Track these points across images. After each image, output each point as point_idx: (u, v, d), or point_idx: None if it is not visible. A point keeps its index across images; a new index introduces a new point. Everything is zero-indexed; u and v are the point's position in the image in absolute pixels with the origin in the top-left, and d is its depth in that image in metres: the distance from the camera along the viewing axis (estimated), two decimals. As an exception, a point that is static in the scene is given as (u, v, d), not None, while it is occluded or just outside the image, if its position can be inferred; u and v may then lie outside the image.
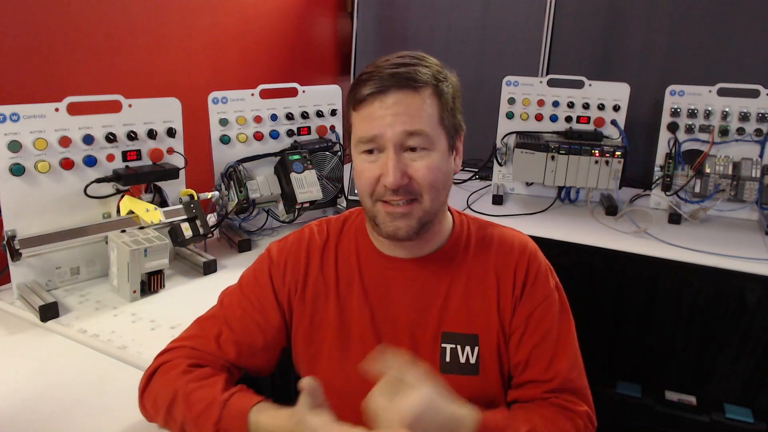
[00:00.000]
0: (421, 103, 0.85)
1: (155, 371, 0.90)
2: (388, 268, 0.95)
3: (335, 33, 2.88)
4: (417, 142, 0.84)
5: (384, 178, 0.84)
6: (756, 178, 1.90)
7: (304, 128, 1.84)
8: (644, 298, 1.77)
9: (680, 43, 2.29)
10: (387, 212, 0.87)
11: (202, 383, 0.85)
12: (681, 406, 1.80)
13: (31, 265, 1.31)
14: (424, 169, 0.85)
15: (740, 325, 1.67)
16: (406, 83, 0.84)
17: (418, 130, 0.84)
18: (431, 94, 0.86)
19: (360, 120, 0.87)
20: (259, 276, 0.98)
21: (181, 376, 0.87)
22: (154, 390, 0.88)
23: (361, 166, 0.88)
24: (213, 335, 0.93)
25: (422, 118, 0.84)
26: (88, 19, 1.67)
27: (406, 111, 0.84)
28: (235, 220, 1.72)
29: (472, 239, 0.97)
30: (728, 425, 1.74)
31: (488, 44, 2.61)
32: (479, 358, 0.92)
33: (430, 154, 0.86)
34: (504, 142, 2.17)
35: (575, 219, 2.00)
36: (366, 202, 0.90)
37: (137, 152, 1.45)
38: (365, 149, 0.87)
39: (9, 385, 1.02)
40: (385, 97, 0.84)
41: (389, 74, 0.84)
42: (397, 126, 0.83)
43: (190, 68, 2.02)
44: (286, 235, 1.02)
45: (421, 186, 0.86)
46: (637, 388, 1.86)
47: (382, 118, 0.84)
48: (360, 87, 0.86)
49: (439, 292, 0.94)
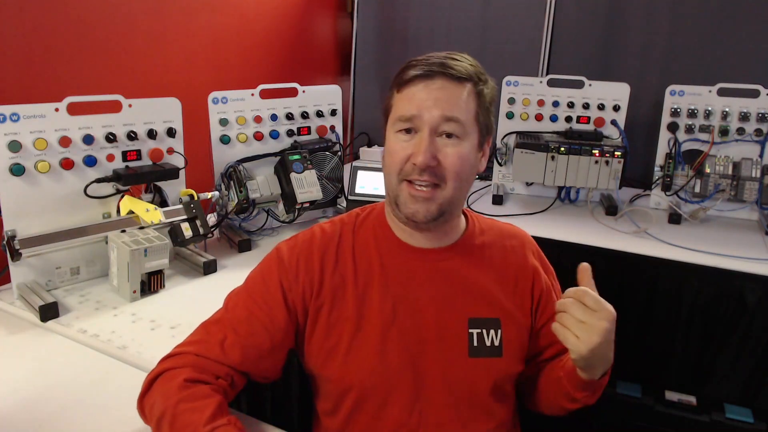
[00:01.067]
0: (462, 94, 0.90)
1: (157, 377, 0.88)
2: (412, 258, 0.97)
3: (335, 33, 2.88)
4: (452, 128, 0.89)
5: (414, 157, 0.88)
6: (756, 178, 1.90)
7: (304, 128, 1.84)
8: (644, 298, 1.77)
9: (680, 43, 2.29)
10: (410, 193, 0.90)
11: (193, 405, 0.82)
12: (681, 406, 1.80)
13: (31, 265, 1.31)
14: (454, 155, 0.89)
15: (740, 325, 1.67)
16: (452, 73, 0.89)
17: (455, 117, 0.89)
18: (471, 90, 0.91)
19: (401, 99, 0.91)
20: (267, 278, 0.96)
21: (177, 391, 0.84)
22: (152, 398, 0.86)
23: (394, 144, 0.92)
24: (217, 340, 0.91)
25: (461, 107, 0.89)
26: (88, 19, 1.67)
27: (447, 98, 0.89)
28: (235, 220, 1.72)
29: (486, 232, 1.04)
30: (728, 425, 1.74)
31: (488, 44, 2.61)
32: (502, 341, 0.97)
33: (461, 143, 0.90)
34: (504, 142, 2.17)
35: (575, 219, 2.00)
36: (391, 181, 0.93)
37: (137, 152, 1.45)
38: (402, 128, 0.91)
39: (9, 385, 1.02)
40: (430, 82, 0.89)
41: (438, 62, 0.90)
42: (436, 109, 0.88)
43: (190, 68, 2.03)
44: (294, 235, 1.02)
45: (447, 172, 0.89)
46: (637, 388, 1.86)
47: (424, 100, 0.89)
48: (407, 70, 0.91)
49: (462, 280, 0.98)
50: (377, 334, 0.94)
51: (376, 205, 1.05)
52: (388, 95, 0.96)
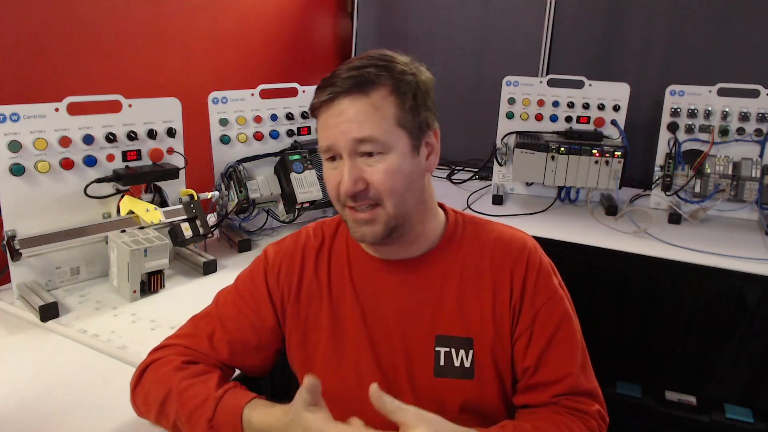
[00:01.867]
0: (370, 108, 0.83)
1: (147, 367, 0.90)
2: (378, 270, 0.94)
3: (335, 33, 2.88)
4: (369, 147, 0.83)
5: (341, 186, 0.84)
6: (756, 178, 1.90)
7: (304, 128, 1.84)
8: (644, 298, 1.77)
9: (680, 43, 2.29)
10: (353, 219, 0.87)
11: (196, 380, 0.85)
12: (681, 406, 1.80)
13: (31, 265, 1.31)
14: (380, 173, 0.83)
15: (740, 325, 1.67)
16: (356, 88, 0.83)
17: (367, 137, 0.82)
18: (386, 95, 0.83)
19: (319, 128, 0.88)
20: (255, 277, 0.98)
21: (175, 372, 0.86)
22: (147, 386, 0.88)
23: (326, 172, 0.89)
24: (206, 334, 0.93)
25: (372, 123, 0.82)
26: (88, 19, 1.67)
27: (355, 118, 0.82)
28: (235, 220, 1.72)
29: (466, 239, 0.95)
30: (728, 425, 1.74)
31: (488, 44, 2.61)
32: (474, 362, 0.89)
33: (386, 158, 0.83)
34: (504, 142, 2.17)
35: (575, 219, 2.00)
36: (337, 207, 0.90)
37: (137, 152, 1.45)
38: (328, 157, 0.87)
39: (9, 385, 1.02)
40: (334, 106, 0.83)
41: (341, 80, 0.83)
42: (347, 134, 0.82)
43: (190, 68, 2.02)
44: (283, 237, 1.02)
45: (379, 191, 0.84)
46: (637, 388, 1.86)
47: (335, 126, 0.83)
48: (316, 95, 0.87)
49: (431, 295, 0.92)
50: (350, 345, 0.92)
51: None
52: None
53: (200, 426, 0.80)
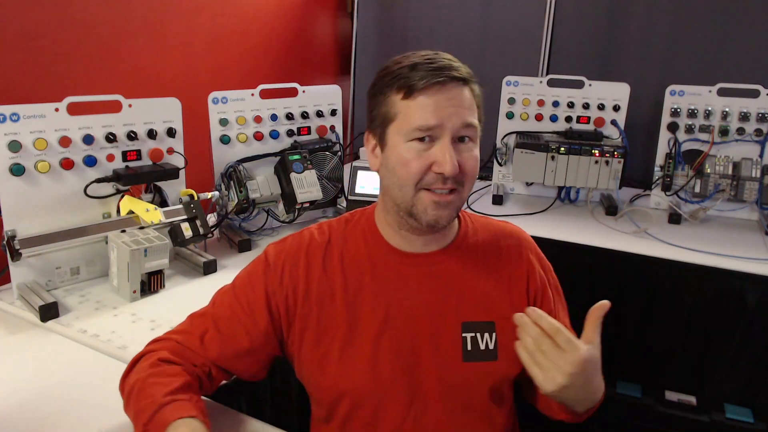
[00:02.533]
0: (471, 98, 0.90)
1: (140, 358, 0.91)
2: (404, 263, 0.96)
3: (335, 33, 2.88)
4: (470, 133, 0.89)
5: (440, 167, 0.86)
6: (756, 178, 1.90)
7: (304, 128, 1.84)
8: (644, 298, 1.77)
9: (680, 43, 2.29)
10: (433, 201, 0.88)
11: (161, 380, 0.85)
12: (681, 406, 1.80)
13: (31, 265, 1.31)
14: (472, 159, 0.90)
15: (740, 325, 1.67)
16: (459, 77, 0.88)
17: (473, 123, 0.89)
18: (472, 90, 0.90)
19: (414, 107, 0.86)
20: (253, 279, 0.96)
21: (148, 368, 0.87)
22: (131, 376, 0.89)
23: (407, 153, 0.87)
24: (198, 333, 0.93)
25: (473, 111, 0.89)
26: (88, 19, 1.67)
27: (463, 104, 0.88)
28: (235, 220, 1.72)
29: (478, 233, 1.02)
30: (728, 425, 1.74)
31: (488, 44, 2.61)
32: (497, 344, 0.95)
33: (475, 147, 0.91)
34: (504, 142, 2.17)
35: (575, 219, 2.00)
36: (406, 192, 0.89)
37: (137, 152, 1.45)
38: (418, 137, 0.87)
39: (9, 385, 1.02)
40: (444, 89, 0.86)
41: (444, 65, 0.87)
42: (456, 117, 0.87)
43: (190, 68, 2.02)
44: (283, 238, 1.00)
45: (466, 176, 0.89)
46: (637, 388, 1.86)
47: (444, 108, 0.86)
48: (412, 75, 0.86)
49: (456, 284, 0.96)
50: (369, 341, 0.93)
51: (365, 209, 1.02)
52: (382, 100, 0.90)
53: (139, 426, 0.81)
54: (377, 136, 0.92)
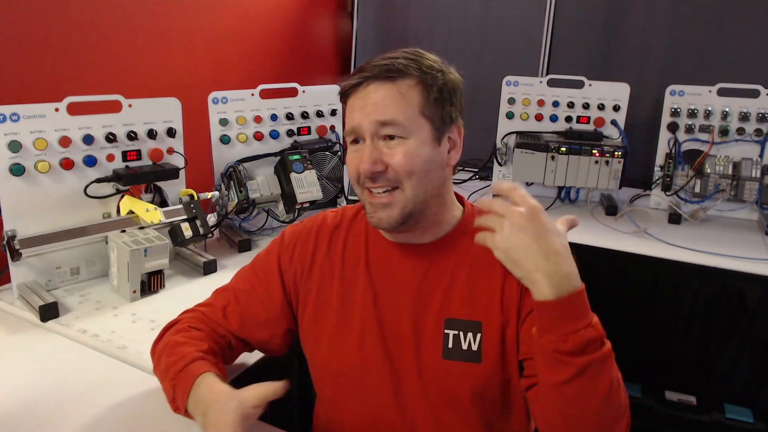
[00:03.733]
0: (396, 94, 0.88)
1: (172, 326, 1.00)
2: (393, 253, 0.97)
3: (335, 33, 2.88)
4: (391, 130, 0.88)
5: (361, 166, 0.89)
6: (756, 178, 1.90)
7: (304, 128, 1.84)
8: (644, 298, 1.77)
9: (680, 43, 2.29)
10: (370, 202, 0.91)
11: (192, 342, 0.94)
12: (681, 406, 1.80)
13: (31, 265, 1.31)
14: (399, 155, 0.88)
15: (740, 325, 1.67)
16: (384, 74, 0.88)
17: (389, 120, 0.87)
18: (412, 84, 0.89)
19: (347, 111, 0.93)
20: (269, 256, 1.04)
21: (180, 332, 0.97)
22: (164, 339, 0.98)
23: (348, 156, 0.94)
24: (221, 305, 1.02)
25: (396, 107, 0.87)
26: (88, 19, 1.67)
27: (381, 102, 0.88)
28: (235, 220, 1.72)
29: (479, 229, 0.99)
30: (728, 425, 1.74)
31: (488, 44, 2.61)
32: (481, 346, 0.91)
33: (406, 142, 0.88)
34: (504, 142, 2.17)
35: (575, 219, 2.00)
36: (357, 191, 0.94)
37: (137, 152, 1.45)
38: (351, 139, 0.92)
39: (9, 385, 1.02)
40: (363, 89, 0.89)
41: (372, 66, 0.90)
42: (371, 116, 0.88)
43: (190, 68, 2.02)
44: (303, 219, 1.07)
45: (398, 173, 0.88)
46: (637, 388, 1.86)
47: (361, 108, 0.89)
48: (346, 81, 0.92)
49: (443, 279, 0.95)
50: (357, 325, 0.95)
51: None
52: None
53: (169, 377, 0.89)
54: None
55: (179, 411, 0.89)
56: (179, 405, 0.88)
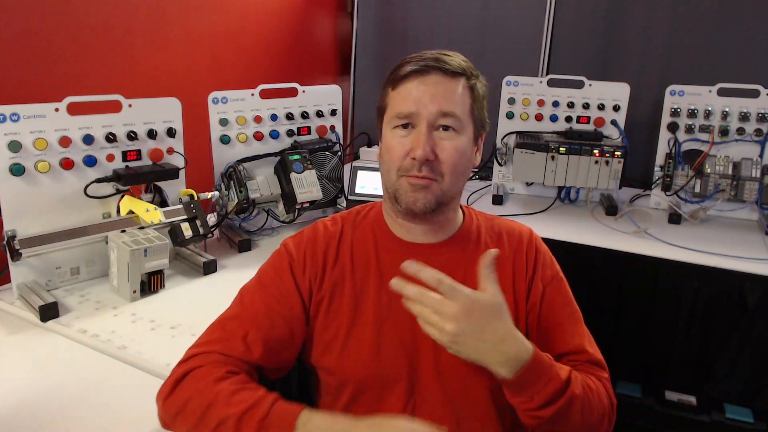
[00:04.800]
0: (457, 89, 0.92)
1: (184, 376, 0.86)
2: (406, 253, 0.97)
3: (335, 33, 2.88)
4: (449, 122, 0.90)
5: (413, 152, 0.89)
6: (756, 178, 1.90)
7: (304, 128, 1.84)
8: (644, 298, 1.77)
9: (680, 43, 2.29)
10: (410, 183, 0.91)
11: (245, 386, 0.84)
12: (681, 406, 1.80)
13: (31, 265, 1.31)
14: (451, 149, 0.91)
15: (740, 325, 1.67)
16: (446, 68, 0.91)
17: (451, 112, 0.90)
18: (465, 84, 0.93)
19: (398, 97, 0.92)
20: (280, 271, 0.99)
21: (220, 381, 0.84)
22: (186, 393, 0.84)
23: (391, 140, 0.93)
24: (240, 336, 0.91)
25: (457, 101, 0.91)
26: (88, 19, 1.67)
27: (444, 93, 0.90)
28: (235, 220, 1.72)
29: (483, 228, 1.04)
30: (728, 425, 1.74)
31: (488, 44, 2.61)
32: None
33: (458, 137, 0.92)
34: (504, 142, 2.17)
35: (575, 219, 2.00)
36: (390, 177, 0.94)
37: (137, 152, 1.45)
38: (399, 124, 0.92)
39: (9, 385, 1.02)
40: (425, 77, 0.91)
41: (431, 57, 0.92)
42: (433, 105, 0.89)
43: (190, 68, 2.02)
44: (299, 231, 1.05)
45: (444, 166, 0.91)
46: (637, 388, 1.86)
47: (421, 96, 0.90)
48: (402, 67, 0.93)
49: (456, 275, 0.94)
50: (372, 327, 0.95)
51: (375, 203, 1.07)
52: (383, 94, 0.97)
53: (251, 425, 0.78)
54: (378, 129, 0.99)
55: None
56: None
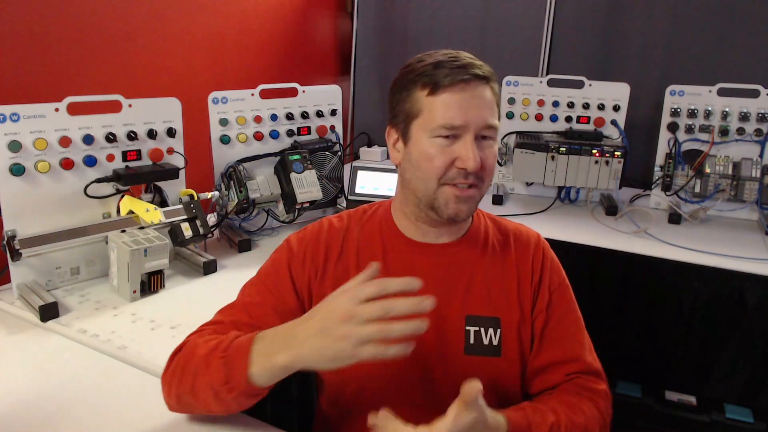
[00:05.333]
0: (491, 97, 0.92)
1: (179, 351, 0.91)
2: (415, 252, 0.99)
3: (335, 33, 2.88)
4: (491, 133, 0.92)
5: (464, 162, 0.89)
6: (756, 178, 1.90)
7: (304, 128, 1.84)
8: (644, 298, 1.77)
9: (680, 43, 2.29)
10: (455, 195, 0.92)
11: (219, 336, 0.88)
12: (681, 406, 1.80)
13: (31, 265, 1.31)
14: (493, 157, 0.93)
15: (740, 325, 1.67)
16: (482, 77, 0.90)
17: (494, 125, 0.92)
18: (493, 89, 0.93)
19: (442, 105, 0.89)
20: (278, 266, 1.01)
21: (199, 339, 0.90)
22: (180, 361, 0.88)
23: (430, 149, 0.91)
24: (231, 321, 0.96)
25: (495, 112, 0.92)
26: (88, 19, 1.67)
27: (486, 103, 0.91)
28: (235, 220, 1.72)
29: (490, 230, 1.04)
30: (728, 425, 1.74)
31: (488, 44, 2.61)
32: (501, 340, 0.96)
33: (495, 145, 0.94)
34: (504, 142, 2.17)
35: (575, 219, 2.00)
36: (429, 185, 0.92)
37: (137, 152, 1.45)
38: (443, 134, 0.90)
39: (9, 385, 1.02)
40: (468, 87, 0.89)
41: (467, 64, 0.90)
42: (480, 117, 0.89)
43: (190, 68, 2.02)
44: (305, 227, 1.05)
45: (486, 171, 0.92)
46: (637, 388, 1.86)
47: (468, 108, 0.89)
48: (438, 72, 0.89)
49: (463, 276, 0.98)
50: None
51: (383, 202, 1.06)
52: (411, 96, 0.92)
53: (214, 361, 0.81)
54: (400, 131, 0.95)
55: (238, 386, 0.80)
56: (237, 376, 0.80)
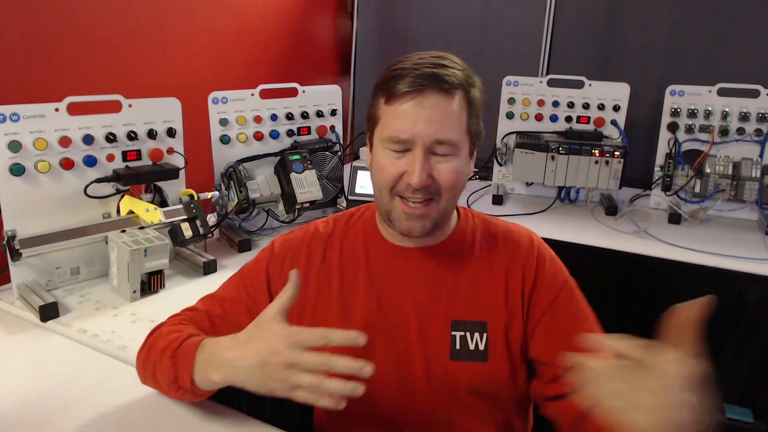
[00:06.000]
0: (453, 110, 0.86)
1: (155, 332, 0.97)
2: (397, 257, 0.97)
3: (335, 33, 2.88)
4: (444, 149, 0.87)
5: (409, 177, 0.86)
6: (756, 178, 1.90)
7: (304, 128, 1.84)
8: (644, 298, 1.77)
9: (680, 43, 2.29)
10: (404, 211, 0.89)
11: (181, 329, 0.92)
12: (681, 406, 1.80)
13: (31, 265, 1.31)
14: (447, 171, 0.87)
15: (740, 325, 1.67)
16: (443, 86, 0.85)
17: (447, 140, 0.86)
18: (462, 99, 0.87)
19: (391, 115, 0.87)
20: (258, 266, 1.02)
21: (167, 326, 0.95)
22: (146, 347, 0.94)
23: (384, 160, 0.89)
24: (206, 311, 0.99)
25: (453, 126, 0.86)
26: (88, 19, 1.67)
27: (440, 118, 0.85)
28: (235, 220, 1.72)
29: (478, 231, 1.00)
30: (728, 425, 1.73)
31: (488, 44, 2.61)
32: (488, 345, 0.93)
33: (454, 159, 0.88)
34: (504, 142, 2.17)
35: (575, 219, 2.00)
36: (383, 196, 0.91)
37: (137, 152, 1.45)
38: (393, 148, 0.88)
39: (9, 385, 1.02)
40: (422, 98, 0.84)
41: (428, 73, 0.84)
42: (429, 132, 0.85)
43: (190, 68, 2.02)
44: (292, 230, 1.05)
45: (441, 187, 0.88)
46: (637, 388, 1.85)
47: (416, 121, 0.85)
48: (397, 81, 0.85)
49: (448, 281, 0.95)
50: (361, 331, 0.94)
51: (369, 205, 1.05)
52: (374, 102, 0.91)
53: (165, 359, 0.86)
54: (368, 136, 0.95)
55: (184, 386, 0.83)
56: (183, 377, 0.82)
